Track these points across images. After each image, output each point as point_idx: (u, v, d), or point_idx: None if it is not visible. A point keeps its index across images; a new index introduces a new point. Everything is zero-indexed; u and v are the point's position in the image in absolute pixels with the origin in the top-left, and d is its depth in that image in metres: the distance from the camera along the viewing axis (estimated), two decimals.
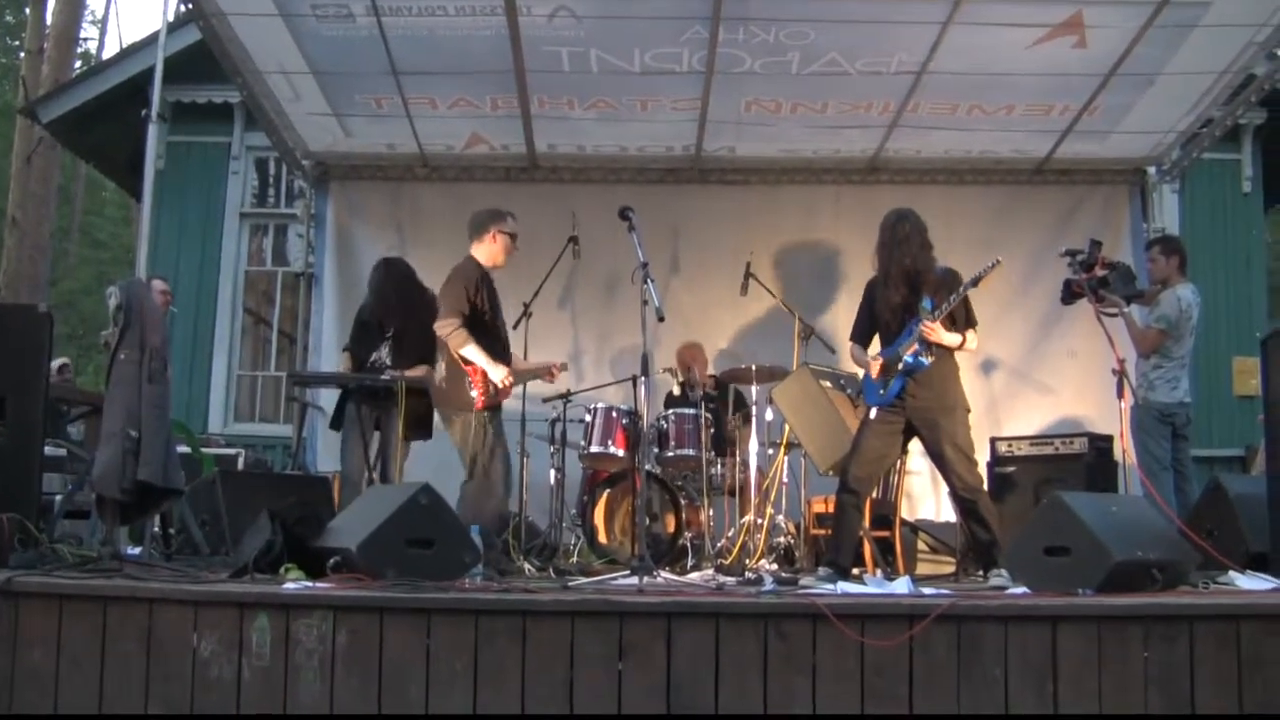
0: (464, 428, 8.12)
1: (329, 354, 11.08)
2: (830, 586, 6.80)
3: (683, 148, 11.43)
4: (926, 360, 7.61)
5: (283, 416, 14.15)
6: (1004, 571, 6.94)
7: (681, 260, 11.51)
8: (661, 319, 7.13)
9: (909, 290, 7.75)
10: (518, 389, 8.82)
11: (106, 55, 34.32)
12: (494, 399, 8.14)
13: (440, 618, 5.62)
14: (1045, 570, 6.19)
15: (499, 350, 8.27)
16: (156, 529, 7.94)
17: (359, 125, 11.14)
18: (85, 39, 34.98)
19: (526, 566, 8.29)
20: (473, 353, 8.10)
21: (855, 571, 7.90)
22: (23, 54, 24.27)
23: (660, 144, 11.42)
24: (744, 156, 11.61)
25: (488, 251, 8.41)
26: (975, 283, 7.59)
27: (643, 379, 7.24)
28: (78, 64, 25.13)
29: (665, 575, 6.97)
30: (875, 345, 8.05)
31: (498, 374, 8.10)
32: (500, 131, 11.19)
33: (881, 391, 7.74)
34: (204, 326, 14.16)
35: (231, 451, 11.16)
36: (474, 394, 8.09)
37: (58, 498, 8.37)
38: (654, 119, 10.83)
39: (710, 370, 10.65)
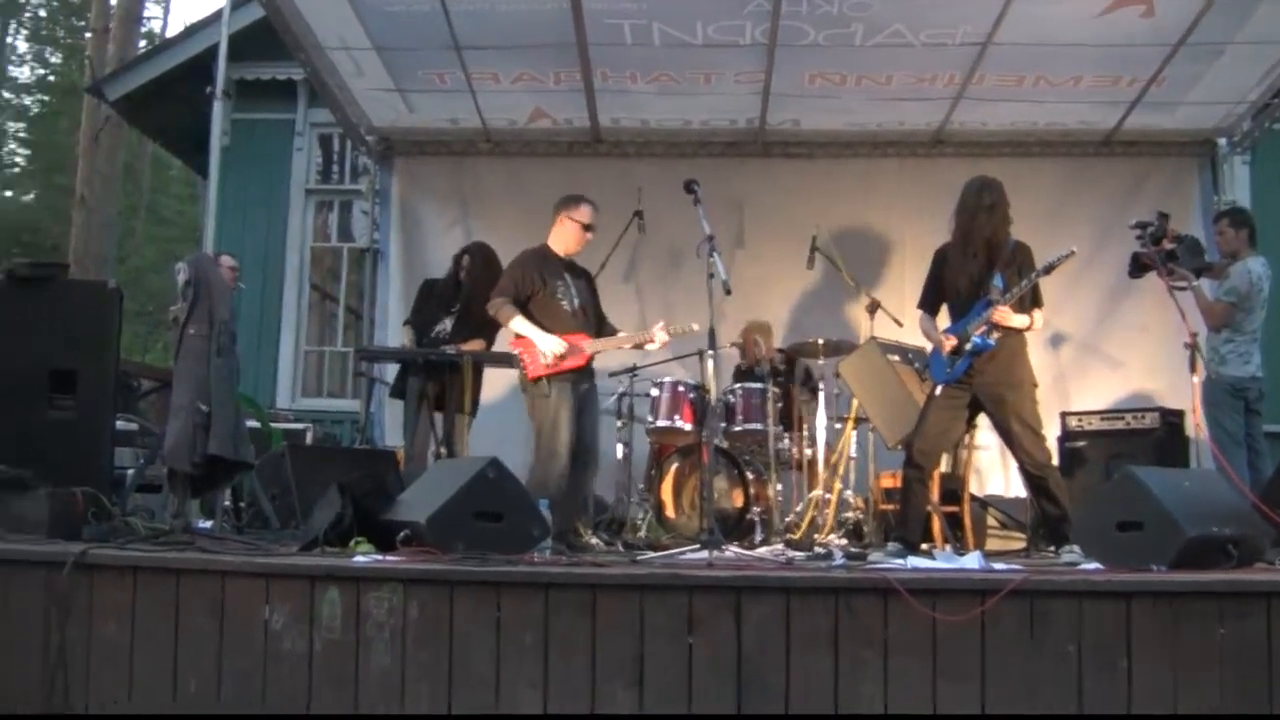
0: (529, 401, 8.16)
1: (395, 329, 11.10)
2: (900, 561, 6.77)
3: (746, 121, 11.38)
4: (993, 341, 7.57)
5: (349, 391, 14.20)
6: (1076, 548, 6.88)
7: (745, 234, 11.47)
8: (728, 292, 7.11)
9: (985, 260, 7.69)
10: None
11: (170, 34, 34.47)
12: (546, 369, 8.12)
13: (509, 591, 5.63)
14: (1117, 546, 6.13)
15: (558, 327, 8.26)
16: (227, 503, 7.99)
17: (422, 100, 11.14)
18: (149, 18, 35.18)
19: (594, 541, 8.30)
20: (519, 325, 8.18)
21: (924, 547, 7.87)
22: (88, 33, 24.45)
23: (723, 117, 11.37)
24: (807, 130, 11.54)
25: (557, 235, 8.47)
26: (1048, 270, 7.55)
27: (710, 352, 7.22)
28: (141, 43, 25.27)
29: (733, 550, 6.96)
30: (943, 315, 8.00)
31: (548, 344, 8.13)
32: (563, 106, 11.17)
33: (949, 368, 7.70)
34: (271, 302, 14.21)
35: (299, 426, 11.20)
36: (525, 366, 8.13)
37: (129, 472, 8.43)
38: (717, 92, 10.78)
39: (775, 344, 10.60)
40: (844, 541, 8.50)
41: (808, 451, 9.44)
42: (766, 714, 5.45)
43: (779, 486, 9.32)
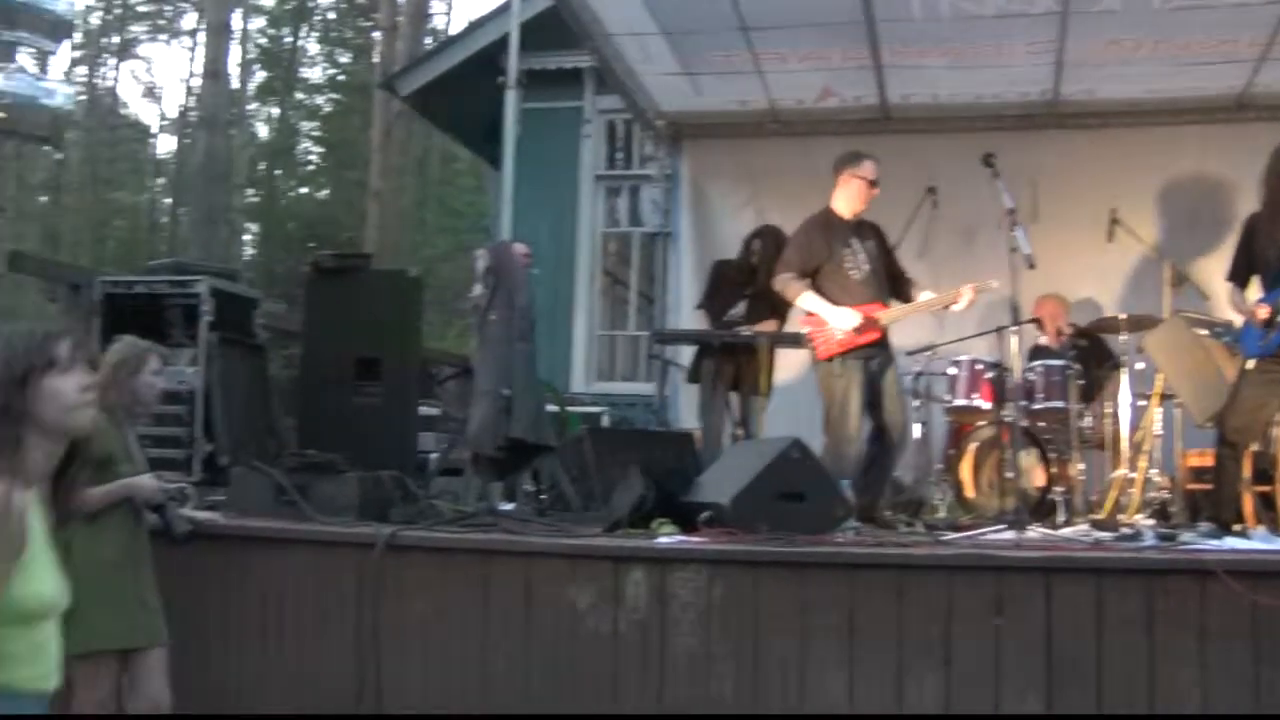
0: (820, 379, 8.08)
1: (688, 312, 11.13)
2: (1215, 543, 6.52)
3: (1039, 92, 11.09)
4: None
5: (642, 375, 14.32)
6: None
7: (1041, 208, 11.19)
8: (1032, 266, 6.97)
9: None
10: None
11: (454, 29, 35.25)
12: (838, 347, 8.02)
13: (814, 572, 5.62)
14: None
15: (848, 298, 8.15)
16: (528, 486, 8.12)
17: (709, 83, 11.14)
18: (433, 13, 36.03)
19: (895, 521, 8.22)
20: (807, 301, 8.07)
21: (1236, 527, 7.58)
22: (376, 32, 25.14)
23: (1015, 89, 11.09)
24: (1103, 99, 11.18)
25: (842, 196, 8.30)
26: None
27: (1012, 329, 7.07)
28: (427, 39, 25.90)
29: (1039, 530, 6.81)
30: (1254, 288, 7.69)
31: (840, 320, 7.99)
32: (852, 83, 11.05)
33: (1262, 341, 7.39)
34: (563, 288, 14.42)
35: (595, 410, 11.35)
36: (814, 346, 8.05)
37: (433, 456, 8.63)
38: (1008, 64, 10.52)
39: (1070, 320, 10.34)
40: (1151, 522, 8.25)
41: (1110, 429, 9.16)
42: (1078, 699, 5.35)
43: (1081, 466, 9.08)
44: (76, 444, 3.36)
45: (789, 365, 9.66)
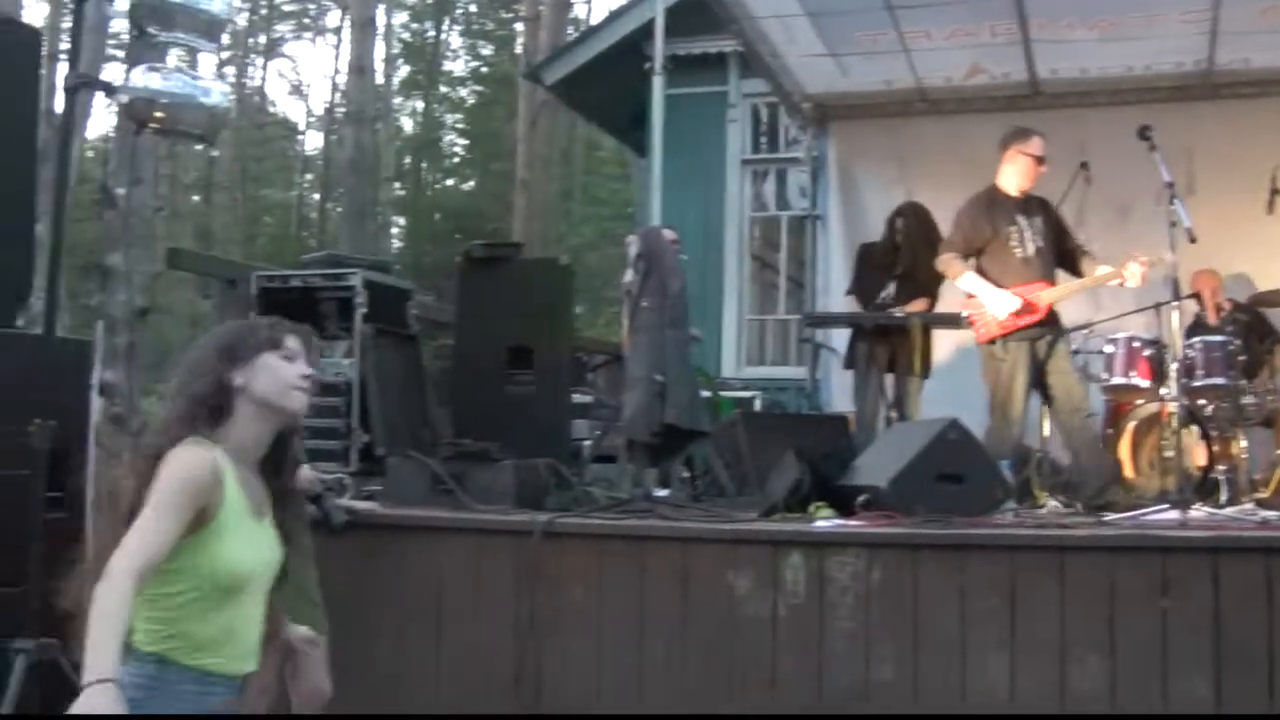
0: (982, 361, 7.96)
1: (838, 295, 11.07)
2: None
3: (1193, 63, 10.85)
4: None
5: (793, 359, 14.27)
6: None
7: (1197, 180, 10.96)
8: (1193, 240, 6.82)
9: None
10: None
11: (595, 18, 35.35)
12: (999, 330, 7.89)
13: (974, 554, 5.56)
14: None
15: (1011, 278, 8.00)
16: (683, 472, 8.12)
17: (855, 64, 11.07)
18: (574, 2, 36.17)
19: (1052, 503, 8.09)
20: (967, 282, 7.93)
21: None
22: (518, 23, 25.32)
23: (1168, 60, 10.86)
24: (1259, 68, 10.92)
25: (1009, 173, 8.09)
26: None
27: (1173, 304, 6.94)
28: (569, 29, 26.03)
29: (1204, 509, 6.67)
30: None
31: (996, 304, 7.82)
32: (1000, 59, 10.91)
33: None
34: (712, 273, 14.41)
35: (747, 394, 11.33)
36: (974, 328, 7.94)
37: (586, 443, 8.67)
38: (1160, 34, 10.31)
39: (1225, 295, 10.12)
40: None
41: (1274, 406, 8.95)
42: (1248, 682, 5.24)
43: (1244, 444, 8.89)
44: (288, 433, 3.49)
45: (944, 346, 9.56)
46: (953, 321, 8.35)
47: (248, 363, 3.40)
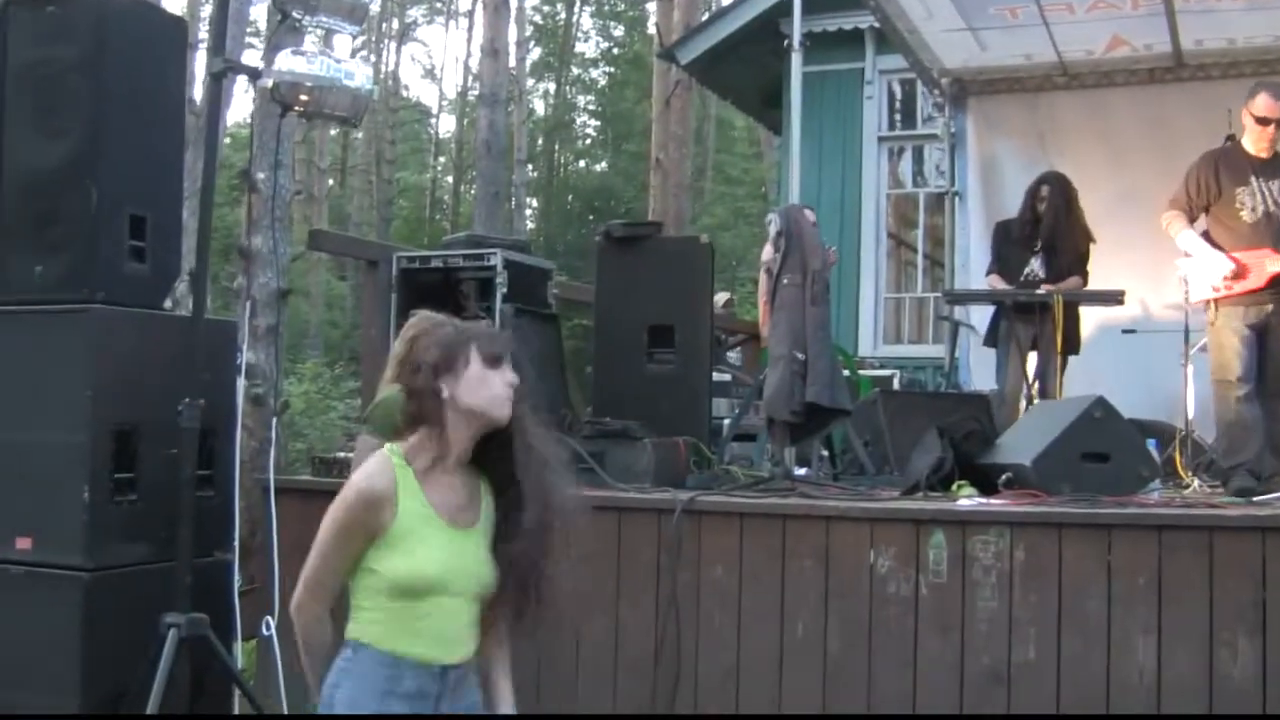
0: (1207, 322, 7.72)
1: (976, 272, 10.94)
2: None
3: None
4: None
5: (930, 337, 14.16)
6: None
7: None
8: None
9: None
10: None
11: None
12: (1210, 291, 7.58)
13: (1121, 534, 5.48)
14: None
15: (1234, 241, 7.52)
16: (823, 451, 8.10)
17: (994, 38, 10.93)
18: None
19: (1196, 483, 7.95)
20: (1184, 240, 7.63)
21: None
22: (650, 3, 25.31)
23: None
24: None
25: (1247, 133, 7.70)
26: None
27: None
28: (702, 8, 26.00)
29: None
30: None
31: (1209, 267, 7.45)
32: (1142, 31, 10.68)
33: None
34: (848, 251, 14.26)
35: (884, 373, 11.26)
36: (1186, 289, 7.71)
37: (725, 421, 8.67)
38: None
39: None
40: None
41: None
42: None
43: None
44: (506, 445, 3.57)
45: (1088, 324, 9.40)
46: (1098, 298, 8.22)
47: (455, 373, 3.48)
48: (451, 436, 3.49)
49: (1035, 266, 9.13)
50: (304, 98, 5.88)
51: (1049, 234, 9.09)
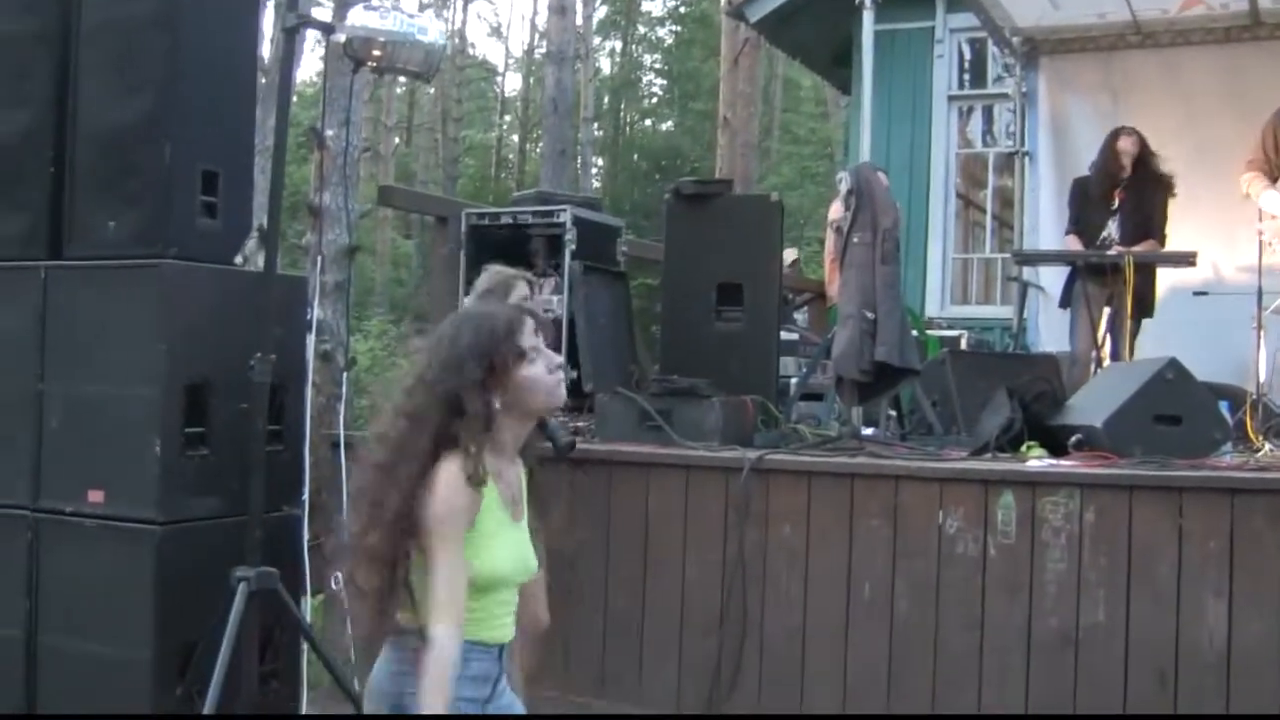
0: None
1: (1046, 232, 10.86)
2: None
3: None
4: None
5: (998, 298, 14.06)
6: None
7: None
8: None
9: None
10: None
11: None
12: None
13: (1193, 496, 5.43)
14: None
15: None
16: (891, 411, 8.07)
17: None
18: None
19: (1267, 447, 7.86)
20: (1266, 201, 7.58)
21: None
22: None
23: None
24: None
25: None
26: None
27: None
28: None
29: None
30: None
31: None
32: None
33: None
34: (917, 211, 14.16)
35: (952, 334, 11.20)
36: (1264, 246, 7.60)
37: (793, 380, 8.65)
38: None
39: None
40: None
41: None
42: None
43: None
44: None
45: (1160, 286, 9.29)
46: (1170, 260, 8.12)
47: (503, 385, 3.46)
48: (507, 436, 3.52)
49: (1112, 228, 9.00)
50: (376, 53, 5.89)
51: (1126, 190, 8.96)
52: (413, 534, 3.37)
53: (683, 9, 43.85)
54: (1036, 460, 6.09)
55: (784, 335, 8.81)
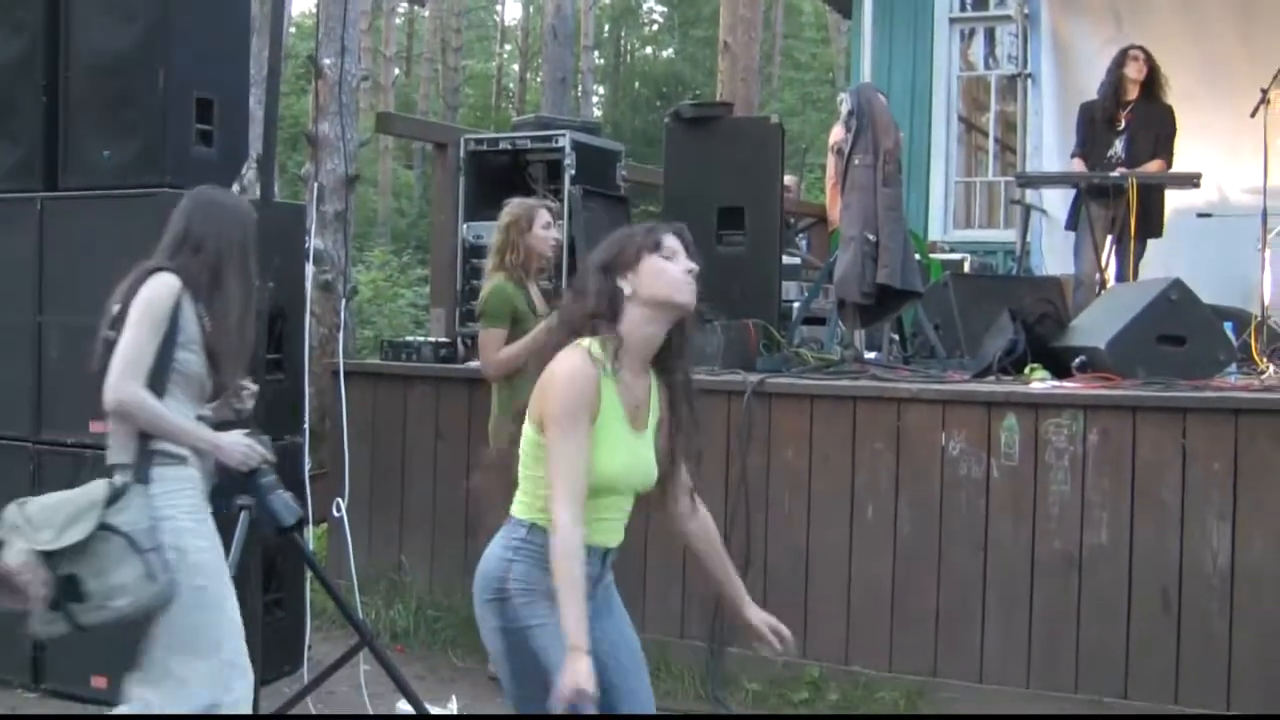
0: None
1: (1050, 155, 10.79)
2: None
3: None
4: None
5: (1002, 222, 13.99)
6: None
7: None
8: None
9: None
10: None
11: None
12: None
13: (1197, 417, 5.42)
14: None
15: None
16: (892, 334, 8.04)
17: None
18: None
19: (1271, 369, 7.84)
20: None
21: None
22: None
23: None
24: None
25: None
26: None
27: None
28: None
29: None
30: None
31: None
32: None
33: None
34: (919, 135, 14.06)
35: (955, 257, 11.15)
36: None
37: (794, 304, 8.61)
38: None
39: None
40: None
41: None
42: None
43: None
44: (678, 328, 3.63)
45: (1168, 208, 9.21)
46: (1174, 180, 8.06)
47: (632, 269, 3.50)
48: (638, 335, 3.51)
49: (1118, 148, 8.91)
50: None
51: (1131, 112, 8.87)
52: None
53: None
54: (1040, 382, 6.08)
55: (786, 259, 8.76)
